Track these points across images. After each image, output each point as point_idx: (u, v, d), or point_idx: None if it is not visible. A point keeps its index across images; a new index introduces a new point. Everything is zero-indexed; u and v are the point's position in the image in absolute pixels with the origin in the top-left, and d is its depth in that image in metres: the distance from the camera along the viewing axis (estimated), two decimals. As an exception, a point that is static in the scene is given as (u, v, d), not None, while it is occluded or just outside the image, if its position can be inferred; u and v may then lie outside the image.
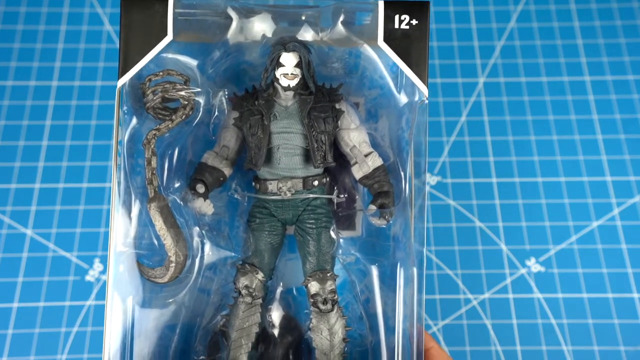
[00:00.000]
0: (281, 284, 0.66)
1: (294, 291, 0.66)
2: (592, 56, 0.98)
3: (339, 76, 0.64)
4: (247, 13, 0.61)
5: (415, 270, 0.59)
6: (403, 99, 0.61)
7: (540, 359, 0.81)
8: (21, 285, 0.83)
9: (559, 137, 0.93)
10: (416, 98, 0.60)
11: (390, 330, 0.60)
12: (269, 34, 0.61)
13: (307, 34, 0.61)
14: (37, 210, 0.87)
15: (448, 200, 0.90)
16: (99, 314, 0.83)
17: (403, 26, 0.59)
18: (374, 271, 0.63)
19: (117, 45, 0.97)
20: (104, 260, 0.85)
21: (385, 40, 0.59)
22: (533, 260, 0.87)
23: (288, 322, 0.65)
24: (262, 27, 0.61)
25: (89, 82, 0.94)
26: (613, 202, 0.89)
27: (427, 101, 0.59)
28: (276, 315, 0.64)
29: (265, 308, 0.64)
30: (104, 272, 0.85)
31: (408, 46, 0.59)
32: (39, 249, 0.85)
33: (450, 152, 0.92)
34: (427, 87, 0.59)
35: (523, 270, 0.86)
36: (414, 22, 0.59)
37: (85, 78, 0.95)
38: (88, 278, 0.84)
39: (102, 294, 0.84)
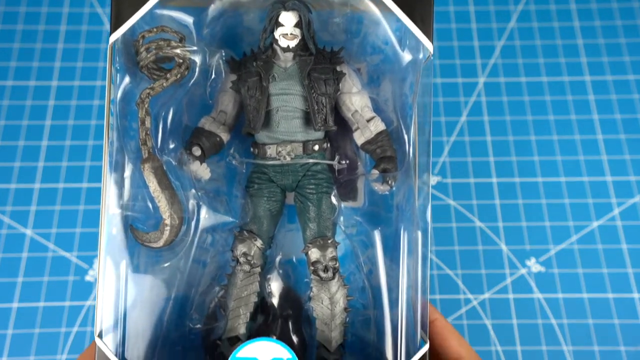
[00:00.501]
0: (280, 253, 0.64)
1: (294, 263, 0.64)
2: (592, 56, 0.98)
3: (340, 41, 0.62)
4: None
5: (419, 234, 0.57)
6: (407, 57, 0.59)
7: (540, 359, 0.81)
8: (21, 285, 0.83)
9: (559, 137, 0.93)
10: (421, 55, 0.57)
11: (393, 302, 0.58)
12: None
13: None
14: (37, 210, 0.87)
15: (448, 200, 0.90)
16: (99, 314, 0.83)
17: None
18: (377, 239, 0.61)
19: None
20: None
21: None
22: (533, 260, 0.86)
23: (287, 294, 0.63)
24: None
25: (88, 82, 0.94)
26: (613, 202, 0.89)
27: (432, 58, 0.57)
28: (275, 286, 0.62)
29: (264, 278, 0.62)
30: (103, 272, 0.85)
31: (413, 1, 0.57)
32: (39, 249, 0.85)
33: (450, 152, 0.92)
34: (432, 43, 0.57)
35: (523, 270, 0.86)
36: None
37: (85, 78, 0.95)
38: (88, 278, 0.84)
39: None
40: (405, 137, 0.59)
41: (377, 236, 0.61)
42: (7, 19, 0.98)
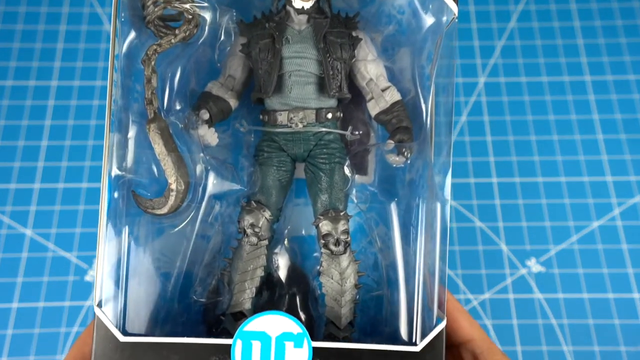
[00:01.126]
0: (289, 227, 0.61)
1: (302, 238, 0.62)
2: (593, 56, 0.98)
3: (354, 9, 0.60)
4: None
5: (438, 206, 0.55)
6: (429, 20, 0.56)
7: (540, 359, 0.81)
8: (21, 286, 0.83)
9: (559, 137, 0.93)
10: (444, 18, 0.55)
11: (407, 279, 0.56)
12: None
13: None
14: (36, 210, 0.87)
15: (448, 200, 0.90)
16: (99, 314, 0.82)
17: None
18: (392, 214, 0.58)
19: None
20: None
21: None
22: (533, 260, 0.86)
23: (294, 269, 0.60)
24: None
25: (88, 82, 0.94)
26: (613, 202, 0.89)
27: (456, 20, 0.55)
28: (282, 261, 0.60)
29: (271, 252, 0.59)
30: (103, 272, 0.84)
31: None
32: (39, 249, 0.85)
33: (450, 152, 0.92)
34: (457, 5, 0.55)
35: (523, 271, 0.86)
36: None
37: (85, 78, 0.94)
38: (88, 278, 0.84)
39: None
40: (423, 107, 0.57)
41: (391, 211, 0.59)
42: (7, 19, 0.98)
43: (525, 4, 1.02)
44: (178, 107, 0.57)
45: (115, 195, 0.54)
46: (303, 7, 0.56)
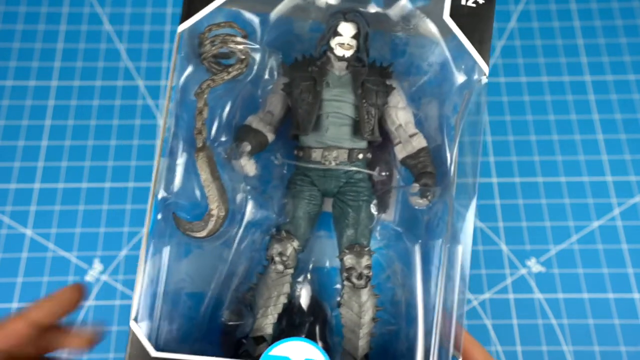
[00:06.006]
0: (313, 258, 0.64)
1: (324, 269, 0.64)
2: (593, 56, 0.98)
3: (386, 58, 0.64)
4: None
5: (459, 249, 0.58)
6: (460, 78, 0.60)
7: (540, 359, 0.81)
8: (21, 286, 0.83)
9: (559, 137, 0.93)
10: (475, 76, 0.59)
11: (424, 316, 0.59)
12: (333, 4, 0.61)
13: (371, 9, 0.61)
14: (36, 211, 0.87)
15: (448, 200, 0.90)
16: (99, 314, 0.82)
17: (470, 4, 0.59)
18: (415, 252, 0.61)
19: (117, 46, 0.97)
20: (104, 261, 0.85)
21: (451, 15, 0.58)
22: (533, 260, 0.86)
23: (315, 299, 0.62)
24: None
25: (88, 82, 0.94)
26: (613, 202, 0.89)
27: (487, 80, 0.58)
28: (304, 290, 0.62)
29: (294, 281, 0.62)
30: (103, 272, 0.85)
31: (474, 24, 0.59)
32: (39, 249, 0.85)
33: (450, 152, 0.92)
34: (489, 67, 0.58)
35: (523, 271, 0.86)
36: (481, 0, 0.59)
37: (84, 78, 0.95)
38: (88, 278, 0.84)
39: (102, 294, 0.83)
40: (448, 155, 0.60)
41: (410, 249, 0.62)
42: (7, 19, 0.98)
43: (525, 4, 1.02)
44: (224, 139, 0.61)
45: (159, 216, 0.57)
46: (344, 55, 0.60)
